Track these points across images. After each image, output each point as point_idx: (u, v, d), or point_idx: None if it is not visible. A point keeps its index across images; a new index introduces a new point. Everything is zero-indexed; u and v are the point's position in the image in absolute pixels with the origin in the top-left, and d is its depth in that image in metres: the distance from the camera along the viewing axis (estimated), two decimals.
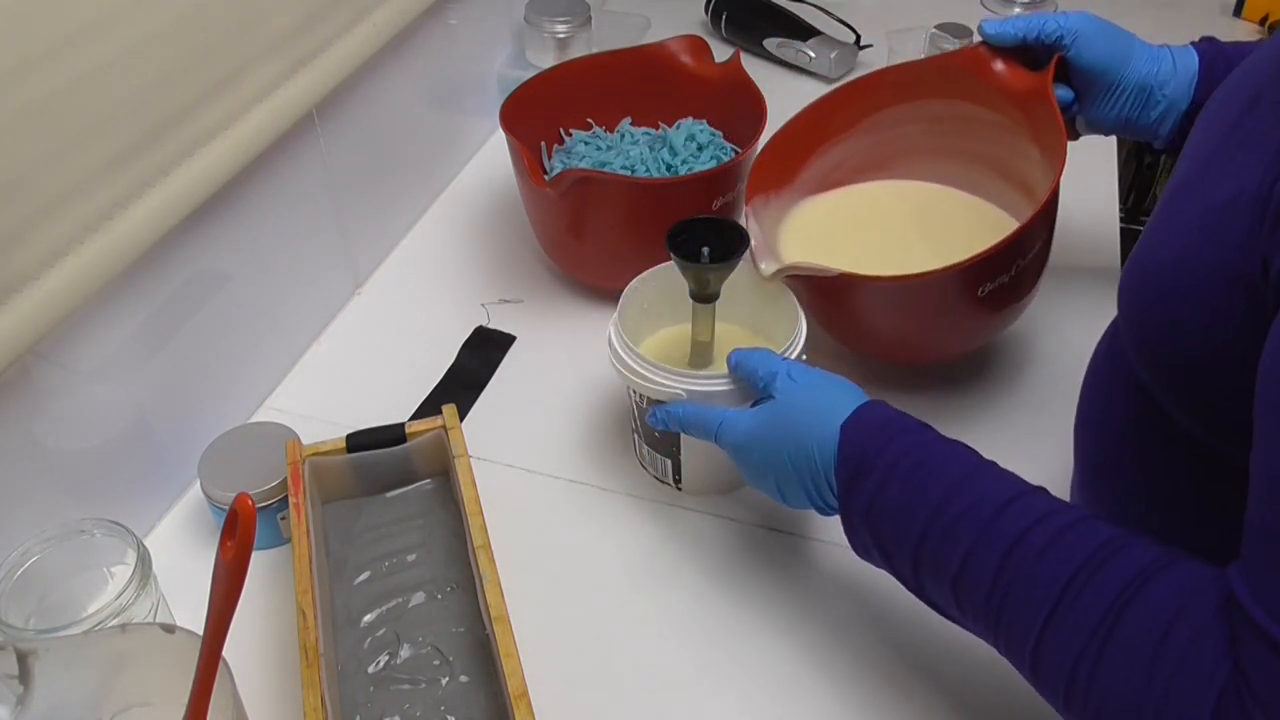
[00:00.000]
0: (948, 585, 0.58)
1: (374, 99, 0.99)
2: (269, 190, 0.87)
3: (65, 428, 0.72)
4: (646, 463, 0.86)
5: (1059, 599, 0.53)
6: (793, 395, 0.69)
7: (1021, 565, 0.55)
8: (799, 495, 0.68)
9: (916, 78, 0.96)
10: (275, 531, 0.80)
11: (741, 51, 1.07)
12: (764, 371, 0.71)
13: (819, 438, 0.65)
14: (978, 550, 0.57)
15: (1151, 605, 0.51)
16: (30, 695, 0.53)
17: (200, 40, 0.74)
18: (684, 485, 0.84)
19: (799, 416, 0.67)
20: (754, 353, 0.73)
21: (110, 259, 0.70)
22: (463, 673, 0.69)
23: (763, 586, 0.78)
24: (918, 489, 0.60)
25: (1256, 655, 0.46)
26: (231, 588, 0.53)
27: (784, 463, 0.67)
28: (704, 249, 0.75)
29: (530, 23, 1.20)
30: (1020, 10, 1.52)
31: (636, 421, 0.83)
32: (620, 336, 0.79)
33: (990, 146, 0.95)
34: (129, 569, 0.67)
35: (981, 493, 0.58)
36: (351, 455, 0.78)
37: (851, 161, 1.00)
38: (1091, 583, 0.52)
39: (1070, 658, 0.52)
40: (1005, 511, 0.57)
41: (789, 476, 0.67)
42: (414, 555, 0.76)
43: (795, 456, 0.66)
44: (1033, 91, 0.88)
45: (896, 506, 0.61)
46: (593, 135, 1.10)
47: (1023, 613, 0.54)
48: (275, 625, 0.76)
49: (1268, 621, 0.46)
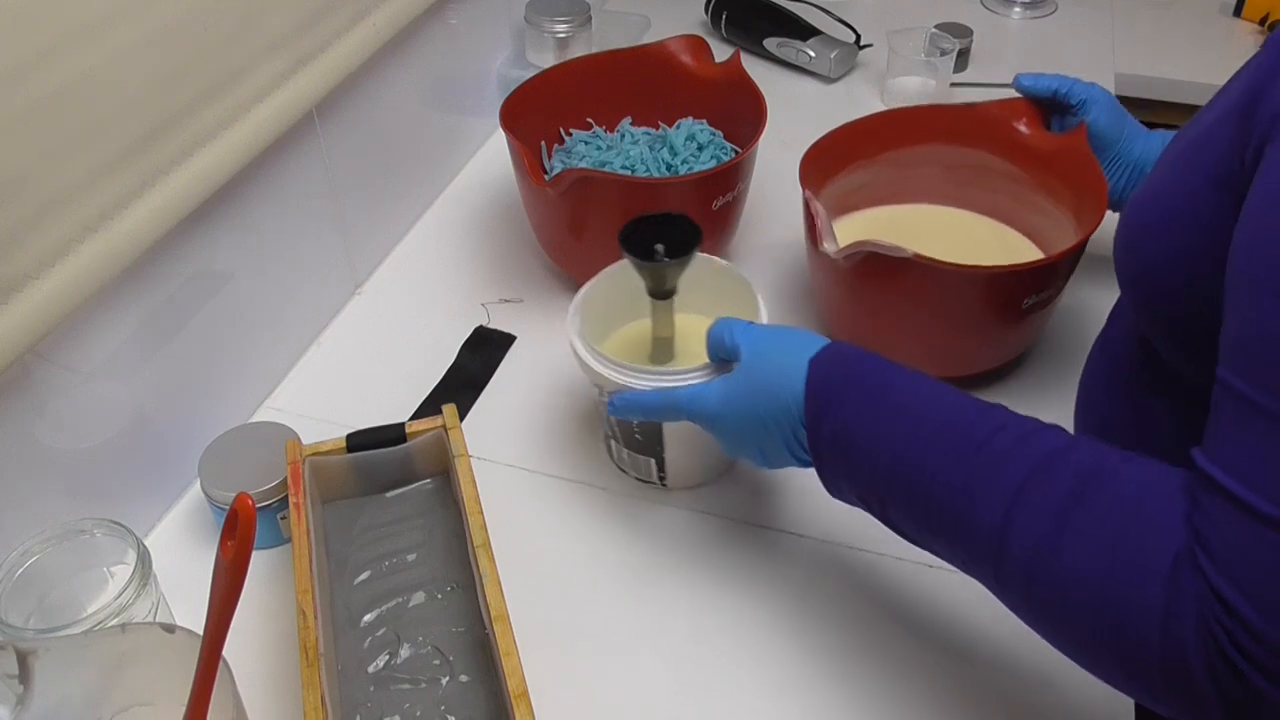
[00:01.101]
0: (919, 506, 0.59)
1: (374, 99, 0.99)
2: (269, 190, 0.87)
3: (65, 427, 0.72)
4: (626, 465, 0.85)
5: (1018, 490, 0.54)
6: (758, 352, 0.69)
7: (981, 470, 0.56)
8: (780, 450, 0.67)
9: (943, 122, 1.00)
10: (275, 531, 0.80)
11: (741, 51, 1.07)
12: (728, 338, 0.71)
13: (790, 383, 0.65)
14: (942, 466, 0.57)
15: (1111, 488, 0.52)
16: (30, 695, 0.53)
17: (200, 40, 0.74)
18: (669, 481, 0.84)
19: (768, 370, 0.67)
20: (714, 326, 0.73)
21: (110, 259, 0.70)
22: (463, 672, 0.69)
23: (763, 586, 0.78)
24: (884, 415, 0.61)
25: (1212, 510, 0.47)
26: (232, 587, 0.53)
27: (761, 420, 0.67)
28: (658, 246, 0.74)
29: (530, 22, 1.20)
30: (1019, 11, 1.52)
31: (613, 427, 0.82)
32: (585, 343, 0.78)
33: (1000, 197, 1.02)
34: (129, 569, 0.67)
35: (946, 412, 0.59)
36: (352, 455, 0.78)
37: (867, 190, 1.02)
38: (1052, 472, 0.53)
39: (1030, 544, 0.53)
40: (969, 426, 0.58)
41: (768, 432, 0.67)
42: (414, 555, 0.76)
43: (771, 409, 0.66)
44: (1063, 150, 0.95)
45: (864, 433, 0.61)
46: (593, 135, 1.10)
47: (984, 515, 0.55)
48: (275, 625, 0.76)
49: (1225, 477, 0.47)
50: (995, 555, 0.55)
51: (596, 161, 1.04)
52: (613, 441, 0.85)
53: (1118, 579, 0.50)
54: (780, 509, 0.83)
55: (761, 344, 0.69)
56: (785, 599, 0.77)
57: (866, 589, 0.78)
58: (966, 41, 1.36)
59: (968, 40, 1.36)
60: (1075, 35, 1.49)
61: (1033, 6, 1.53)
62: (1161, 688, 0.50)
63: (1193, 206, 0.56)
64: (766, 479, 0.86)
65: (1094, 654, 0.53)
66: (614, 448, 0.85)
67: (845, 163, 0.98)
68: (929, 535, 0.60)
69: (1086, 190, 0.91)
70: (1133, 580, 0.49)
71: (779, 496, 0.84)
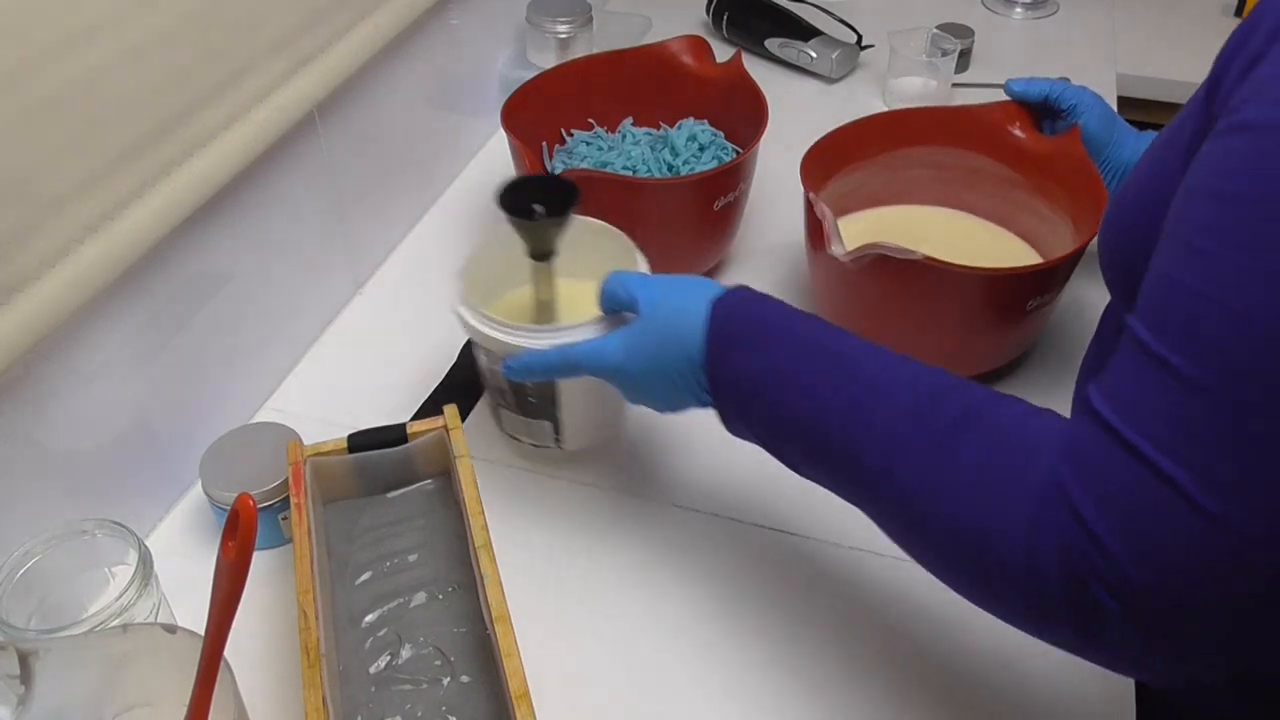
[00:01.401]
0: (809, 439, 0.61)
1: (375, 99, 0.99)
2: (270, 191, 0.87)
3: (67, 428, 0.72)
4: (520, 432, 0.84)
5: (904, 419, 0.56)
6: (656, 301, 0.70)
7: (869, 402, 0.58)
8: (683, 395, 0.68)
9: (938, 124, 1.01)
10: (277, 532, 0.80)
11: (743, 52, 1.07)
12: (623, 291, 0.72)
13: (690, 328, 0.66)
14: (831, 400, 0.59)
15: (996, 417, 0.54)
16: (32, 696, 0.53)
17: (201, 40, 0.74)
18: (565, 443, 0.84)
19: (668, 317, 0.68)
20: (607, 279, 0.73)
21: (111, 260, 0.70)
22: (464, 673, 0.69)
23: (765, 586, 0.78)
24: (780, 354, 0.62)
25: (1093, 441, 0.49)
26: (233, 588, 0.53)
27: (663, 366, 0.68)
28: (536, 207, 0.74)
29: (532, 23, 1.20)
30: (1021, 12, 1.52)
31: (504, 395, 0.82)
32: (474, 310, 0.77)
33: (995, 200, 1.02)
34: (130, 569, 0.67)
35: (839, 351, 0.61)
36: (353, 455, 0.78)
37: (863, 192, 1.02)
38: (940, 403, 0.56)
39: (912, 473, 0.55)
40: (861, 363, 0.60)
41: (670, 379, 0.68)
42: (415, 555, 0.76)
43: (673, 355, 0.67)
44: (1057, 153, 0.96)
45: (759, 372, 0.63)
46: (594, 135, 1.10)
47: (870, 445, 0.57)
48: (277, 625, 0.76)
49: (1110, 412, 0.49)
50: (876, 481, 0.57)
51: (598, 162, 1.04)
52: (504, 410, 0.84)
53: (990, 497, 0.52)
54: (786, 510, 0.83)
55: (658, 293, 0.70)
56: (790, 600, 0.77)
57: (870, 589, 0.78)
58: (968, 42, 1.36)
59: (969, 41, 1.36)
60: (1076, 36, 1.49)
61: (1034, 7, 1.53)
62: (1020, 604, 0.52)
63: (1168, 200, 0.57)
64: (774, 479, 0.85)
65: (960, 571, 0.55)
66: (505, 417, 0.84)
67: (842, 164, 0.98)
68: (819, 468, 0.62)
69: (1083, 193, 0.91)
70: (1005, 497, 0.51)
71: (784, 498, 0.84)
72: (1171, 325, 0.47)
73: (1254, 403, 0.44)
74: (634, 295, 0.71)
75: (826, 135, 0.96)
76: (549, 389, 0.79)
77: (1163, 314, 0.48)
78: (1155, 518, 0.46)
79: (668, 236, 0.96)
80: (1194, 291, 0.46)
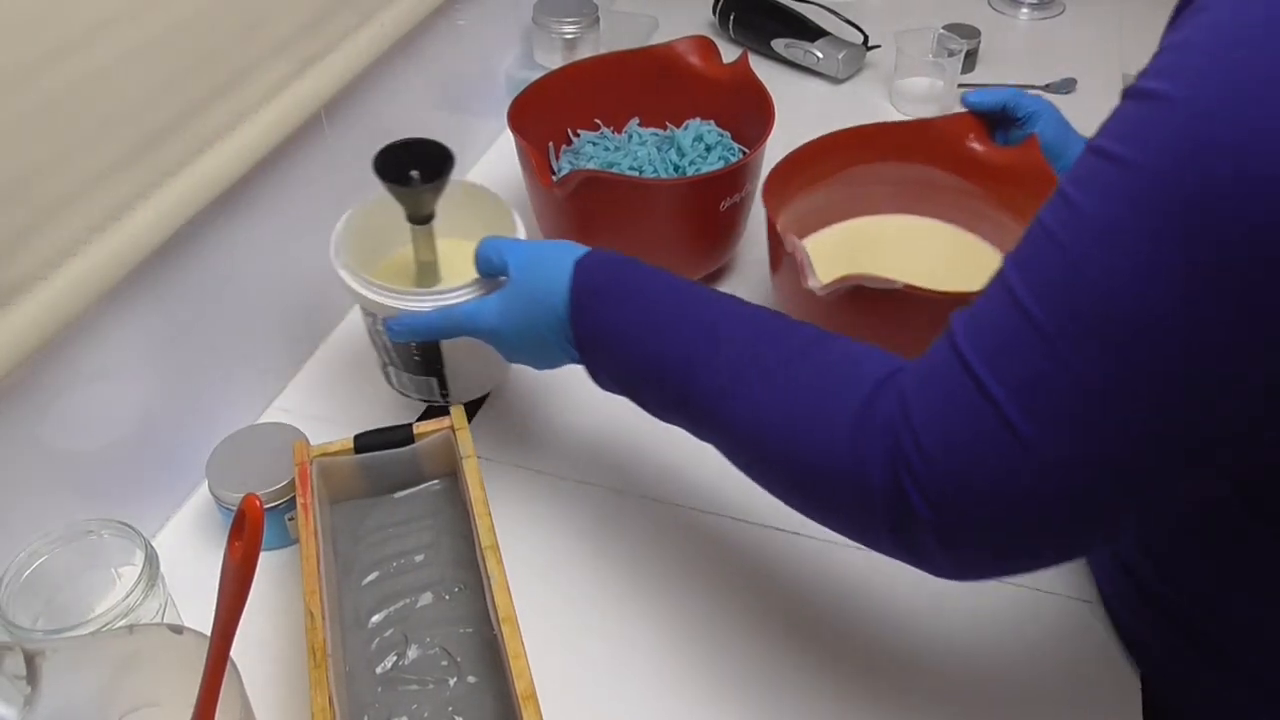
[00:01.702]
0: (659, 382, 0.64)
1: (382, 99, 0.99)
2: (277, 190, 0.87)
3: (73, 428, 0.72)
4: (409, 389, 0.87)
5: (742, 356, 0.60)
6: (525, 264, 0.73)
7: (710, 345, 0.62)
8: (554, 352, 0.72)
9: (895, 140, 0.99)
10: (283, 532, 0.80)
11: (749, 52, 1.07)
12: (496, 255, 0.75)
13: (557, 287, 0.70)
14: (679, 344, 0.63)
15: (832, 348, 0.58)
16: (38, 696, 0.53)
17: (208, 40, 0.74)
18: (452, 397, 0.87)
19: (537, 279, 0.72)
20: (481, 244, 0.77)
21: (118, 260, 0.70)
22: (471, 673, 0.69)
23: (772, 587, 0.78)
24: (635, 307, 0.66)
25: (938, 355, 0.52)
26: (239, 588, 0.52)
27: (535, 325, 0.72)
28: (413, 172, 0.76)
29: (538, 23, 1.20)
30: (1027, 12, 1.52)
31: (390, 354, 0.84)
32: (355, 274, 0.79)
33: (951, 211, 1.01)
34: (137, 570, 0.67)
35: (688, 301, 0.65)
36: (359, 456, 0.78)
37: (824, 211, 1.00)
38: (778, 340, 0.60)
39: (747, 399, 0.59)
40: (708, 310, 0.64)
41: (542, 337, 0.72)
42: (422, 556, 0.76)
43: (543, 314, 0.71)
44: (1018, 163, 0.94)
45: (616, 323, 0.67)
46: (600, 136, 1.10)
47: (710, 380, 0.61)
48: (283, 626, 0.75)
49: (957, 321, 0.52)
50: (715, 413, 0.61)
51: (604, 162, 1.04)
52: (391, 369, 0.86)
53: (819, 412, 0.56)
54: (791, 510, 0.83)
55: (527, 256, 0.74)
56: (797, 599, 0.77)
57: (874, 589, 0.78)
58: (974, 42, 1.35)
59: (975, 41, 1.36)
60: (1083, 36, 1.48)
61: (1041, 7, 1.53)
62: (846, 513, 0.56)
63: None
64: None
65: (793, 485, 0.59)
66: (393, 374, 0.87)
67: (801, 185, 0.96)
68: (671, 410, 0.66)
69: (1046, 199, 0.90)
70: (832, 410, 0.55)
71: None
72: (1026, 262, 0.49)
73: (1076, 346, 0.46)
74: (505, 259, 0.74)
75: (784, 158, 0.94)
76: (433, 347, 0.82)
77: (1023, 250, 0.50)
78: (973, 430, 0.49)
79: (674, 237, 0.96)
80: (1049, 234, 0.49)
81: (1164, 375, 0.45)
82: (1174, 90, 0.44)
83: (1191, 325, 0.44)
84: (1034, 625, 0.75)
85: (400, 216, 0.80)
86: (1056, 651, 0.59)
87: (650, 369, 0.65)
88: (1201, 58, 0.44)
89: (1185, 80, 0.44)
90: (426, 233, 0.81)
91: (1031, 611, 0.76)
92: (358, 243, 0.83)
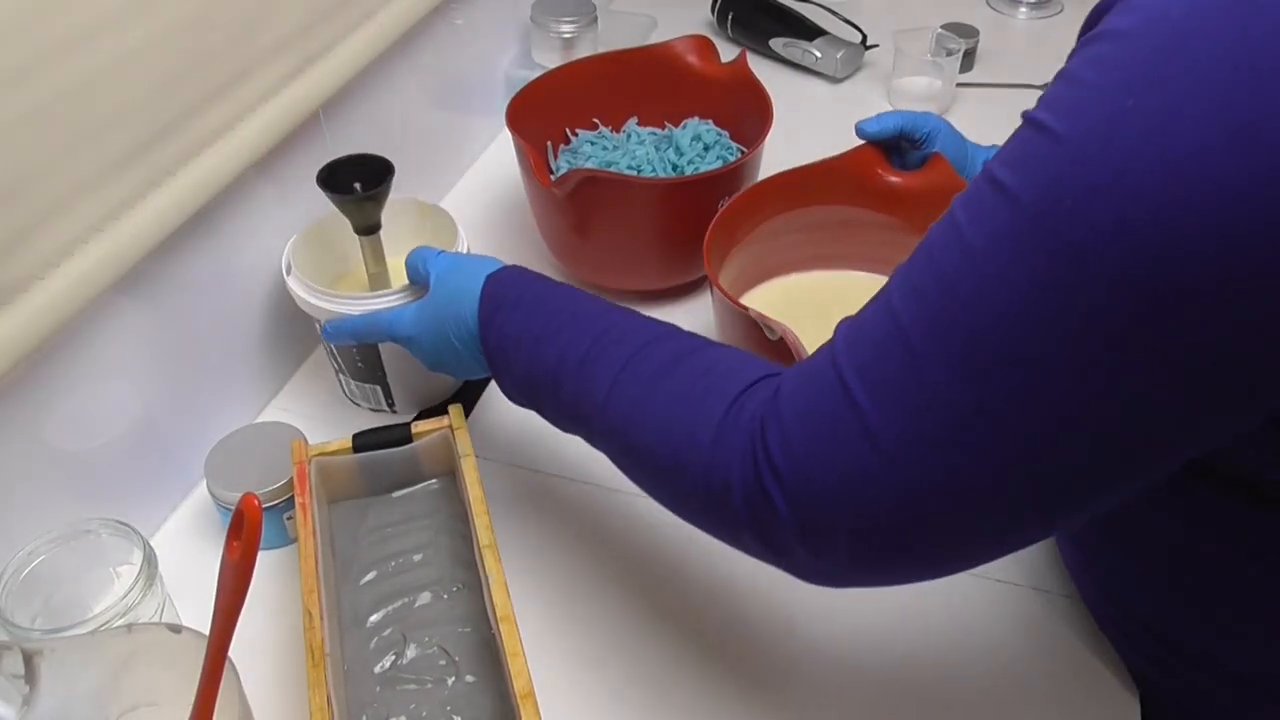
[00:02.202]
0: (556, 393, 0.65)
1: (380, 99, 0.99)
2: (275, 190, 0.87)
3: (71, 427, 0.72)
4: (357, 397, 0.91)
5: (624, 364, 0.60)
6: (444, 274, 0.76)
7: (599, 352, 0.62)
8: (467, 363, 0.74)
9: (799, 185, 0.94)
10: (281, 532, 0.80)
11: (748, 51, 1.07)
12: (421, 265, 0.78)
13: (469, 299, 0.71)
14: (571, 353, 0.64)
15: (706, 356, 0.59)
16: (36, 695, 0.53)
17: (206, 40, 0.74)
18: (398, 407, 0.91)
19: (452, 290, 0.74)
20: (410, 254, 0.80)
21: (116, 259, 0.70)
22: (469, 673, 0.69)
23: (770, 586, 0.78)
24: (536, 320, 0.67)
25: (820, 351, 0.52)
26: (238, 588, 0.52)
27: (447, 335, 0.73)
28: (356, 185, 0.79)
29: (536, 23, 1.20)
30: (1026, 12, 1.52)
31: (339, 360, 0.88)
32: (303, 281, 0.83)
33: (873, 248, 0.97)
34: (135, 569, 0.67)
35: (583, 313, 0.66)
36: (358, 455, 0.78)
37: (744, 276, 0.97)
38: (655, 347, 0.60)
39: (625, 404, 0.60)
40: (598, 321, 0.64)
41: (453, 347, 0.73)
42: (420, 555, 0.76)
43: (455, 325, 0.72)
44: (929, 185, 0.91)
45: (518, 335, 0.68)
46: (599, 135, 1.10)
47: (596, 388, 0.61)
48: (281, 625, 0.76)
49: (841, 329, 0.52)
50: (594, 419, 0.62)
51: (602, 162, 1.04)
52: (341, 375, 0.90)
53: (687, 411, 0.56)
54: None
55: (447, 268, 0.76)
56: (795, 599, 0.77)
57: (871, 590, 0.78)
58: (973, 42, 1.35)
59: (974, 41, 1.36)
60: None
61: (1039, 7, 1.53)
62: (711, 511, 0.56)
63: None
64: None
65: (663, 485, 0.59)
66: (343, 381, 0.91)
67: (728, 247, 0.92)
68: (565, 418, 0.66)
69: None
70: (699, 410, 0.56)
71: None
72: (908, 276, 0.49)
73: (942, 367, 0.46)
74: (428, 269, 0.77)
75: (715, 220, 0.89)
76: (373, 354, 0.85)
77: (910, 263, 0.50)
78: (837, 435, 0.49)
79: (672, 236, 0.96)
80: (931, 253, 0.48)
81: (1027, 408, 0.44)
82: (1058, 125, 0.43)
83: (1061, 364, 0.43)
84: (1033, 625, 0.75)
85: (350, 237, 0.84)
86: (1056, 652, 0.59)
87: (546, 377, 0.65)
88: (1088, 95, 0.43)
89: (1069, 117, 0.43)
90: (373, 243, 0.84)
91: (1032, 612, 0.76)
92: (317, 257, 0.88)
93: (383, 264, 0.86)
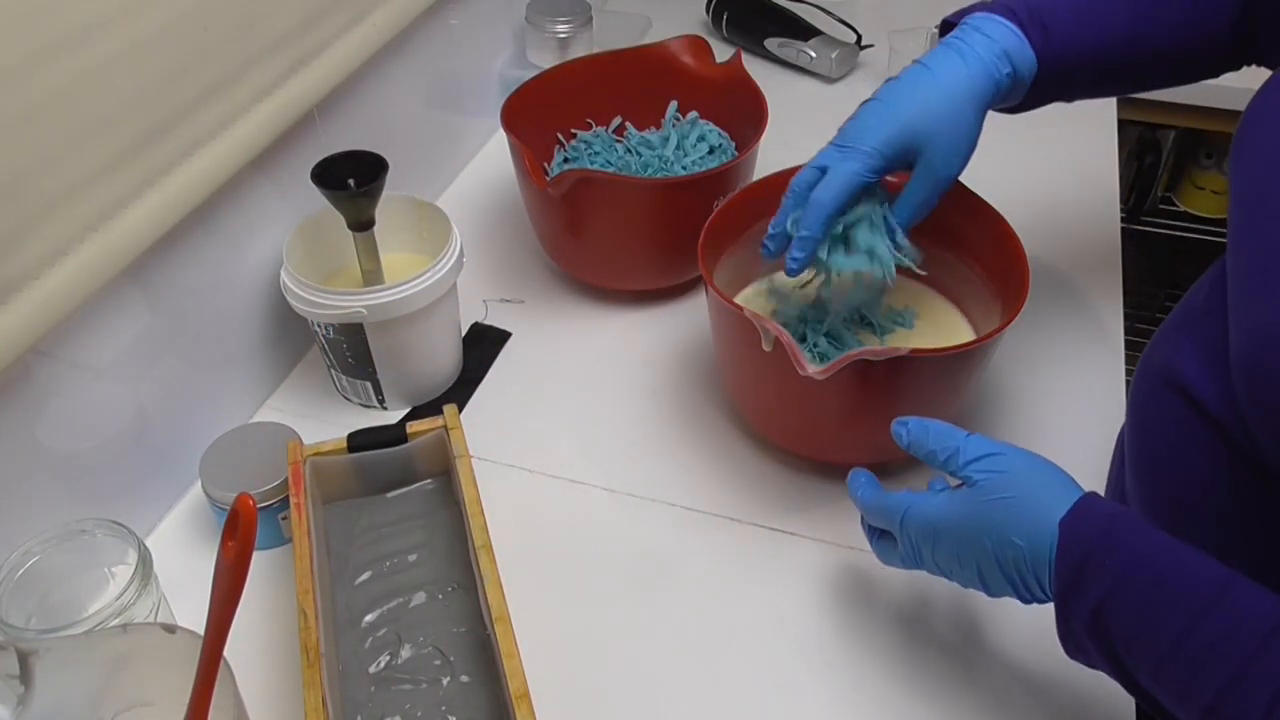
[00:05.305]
0: (1196, 712, 0.53)
1: (375, 98, 0.99)
2: (270, 189, 0.87)
3: (66, 427, 0.72)
4: (348, 392, 0.91)
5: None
6: (996, 481, 0.62)
7: (1223, 646, 0.51)
8: (1001, 584, 0.62)
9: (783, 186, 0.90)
10: (276, 532, 0.80)
11: (742, 51, 1.07)
12: (941, 450, 0.65)
13: (1028, 532, 0.59)
14: (1239, 688, 0.51)
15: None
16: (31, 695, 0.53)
17: (201, 39, 0.74)
18: (388, 403, 0.91)
19: (1003, 507, 0.61)
20: (928, 428, 0.66)
21: (111, 258, 0.70)
22: (464, 673, 0.69)
23: (764, 586, 0.78)
24: (1161, 602, 0.54)
25: None
26: (233, 588, 0.52)
27: (985, 551, 0.61)
28: (350, 181, 0.79)
29: (531, 23, 1.20)
30: None
31: (329, 355, 0.88)
32: (294, 276, 0.83)
33: None
34: (130, 569, 0.67)
35: (1238, 618, 0.52)
36: (353, 455, 0.78)
37: (739, 276, 0.95)
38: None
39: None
40: (1269, 646, 0.51)
41: (990, 565, 0.61)
42: (415, 555, 0.76)
43: (998, 546, 0.60)
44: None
45: (1134, 618, 0.55)
46: (594, 135, 1.10)
47: (1214, 684, 0.51)
48: (276, 625, 0.75)
49: None
50: None
51: (598, 162, 1.04)
52: (333, 371, 0.90)
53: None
54: (785, 511, 0.83)
55: (1000, 475, 0.62)
56: (789, 600, 0.77)
57: (869, 591, 0.78)
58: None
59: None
60: None
61: None
62: None
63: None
64: (775, 480, 0.85)
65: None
66: (335, 377, 0.91)
67: (723, 248, 0.90)
68: (1176, 700, 0.54)
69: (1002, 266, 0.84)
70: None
71: (784, 498, 0.84)
72: None
73: None
74: (957, 460, 0.64)
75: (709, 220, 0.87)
76: (363, 349, 0.85)
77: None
78: None
79: (668, 236, 0.96)
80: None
81: None
82: None
83: None
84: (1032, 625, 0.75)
85: (345, 236, 0.84)
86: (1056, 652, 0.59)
87: (1192, 700, 0.53)
88: None
89: None
90: (367, 240, 0.84)
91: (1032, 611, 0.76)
92: (304, 257, 0.88)
93: (376, 261, 0.86)
